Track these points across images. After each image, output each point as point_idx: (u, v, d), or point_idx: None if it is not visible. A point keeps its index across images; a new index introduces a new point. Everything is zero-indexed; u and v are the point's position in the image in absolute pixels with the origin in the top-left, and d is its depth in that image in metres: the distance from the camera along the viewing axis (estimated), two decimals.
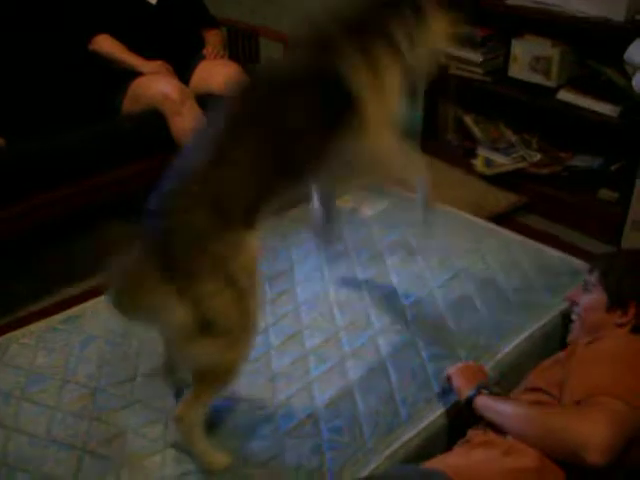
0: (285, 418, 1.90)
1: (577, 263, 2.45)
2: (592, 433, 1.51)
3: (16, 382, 2.04)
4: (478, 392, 1.79)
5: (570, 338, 2.01)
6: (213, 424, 1.87)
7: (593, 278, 1.97)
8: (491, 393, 1.79)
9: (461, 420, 1.82)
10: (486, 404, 1.76)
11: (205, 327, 1.61)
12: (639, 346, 1.78)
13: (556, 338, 2.16)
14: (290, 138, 1.70)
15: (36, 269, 3.03)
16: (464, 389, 1.83)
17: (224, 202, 1.61)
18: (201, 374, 1.72)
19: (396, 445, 1.81)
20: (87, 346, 2.16)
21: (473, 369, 1.92)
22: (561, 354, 1.93)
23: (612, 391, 1.60)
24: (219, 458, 1.78)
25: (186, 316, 1.59)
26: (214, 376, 1.72)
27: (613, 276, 1.93)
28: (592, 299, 1.94)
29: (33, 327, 2.28)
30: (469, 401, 1.79)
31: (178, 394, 1.94)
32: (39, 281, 2.96)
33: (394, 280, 2.42)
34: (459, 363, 1.96)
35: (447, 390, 1.92)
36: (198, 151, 1.69)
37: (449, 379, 1.91)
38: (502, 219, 3.36)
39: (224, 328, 1.63)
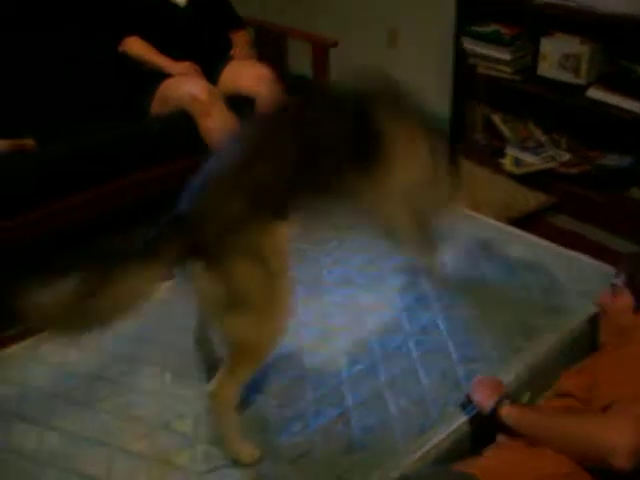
0: (316, 416, 1.91)
1: (606, 268, 2.41)
2: (618, 439, 1.52)
3: (48, 379, 2.07)
4: (501, 403, 1.78)
5: (600, 340, 2.00)
6: (244, 418, 1.88)
7: (620, 281, 1.97)
8: (513, 402, 1.79)
9: (491, 424, 1.82)
10: (511, 414, 1.75)
11: (237, 303, 1.70)
12: None
13: (584, 342, 2.15)
14: (318, 154, 1.82)
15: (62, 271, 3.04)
16: (485, 402, 1.82)
17: (257, 193, 1.72)
18: (234, 349, 1.79)
19: (427, 446, 1.81)
20: (118, 344, 2.18)
21: (490, 382, 1.90)
22: (590, 358, 1.93)
23: (638, 396, 1.60)
24: (247, 449, 1.82)
25: (216, 290, 1.69)
26: (247, 351, 1.78)
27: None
28: (620, 302, 1.94)
29: None
30: (492, 412, 1.78)
31: (210, 372, 1.96)
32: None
33: (424, 285, 2.42)
34: (475, 379, 1.94)
35: (467, 406, 1.92)
36: (238, 145, 1.86)
37: (469, 397, 1.90)
38: (531, 219, 3.34)
39: (255, 304, 1.72)
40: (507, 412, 1.76)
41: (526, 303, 2.30)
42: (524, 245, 2.62)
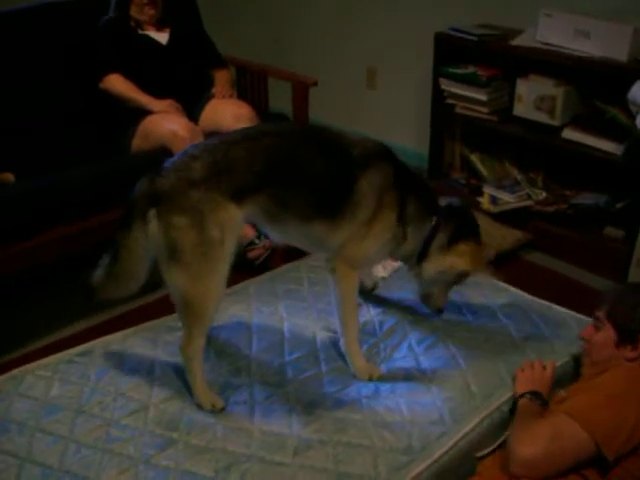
0: None
1: (583, 318, 2.41)
2: (524, 445, 1.68)
3: (31, 412, 2.05)
4: (524, 396, 1.94)
5: (582, 372, 2.06)
6: None
7: (601, 314, 2.00)
8: (532, 401, 1.91)
9: None
10: (520, 407, 1.91)
11: (174, 255, 1.91)
12: None
13: (566, 382, 2.16)
14: (297, 174, 2.05)
15: (48, 304, 3.07)
16: (518, 388, 2.00)
17: (223, 169, 1.95)
18: (178, 302, 2.00)
19: None
20: (102, 378, 2.17)
21: (536, 377, 2.02)
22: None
23: (574, 412, 1.70)
24: (210, 398, 2.02)
25: (160, 238, 1.92)
26: (187, 305, 1.97)
27: (621, 311, 1.95)
28: (602, 336, 1.97)
29: (49, 359, 2.29)
30: (516, 400, 1.97)
31: None
32: (52, 316, 2.99)
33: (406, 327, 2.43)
34: (529, 363, 2.09)
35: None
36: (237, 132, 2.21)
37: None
38: (508, 256, 3.37)
39: (186, 261, 1.91)
40: (520, 404, 1.93)
41: (509, 345, 2.32)
42: (506, 298, 2.62)
